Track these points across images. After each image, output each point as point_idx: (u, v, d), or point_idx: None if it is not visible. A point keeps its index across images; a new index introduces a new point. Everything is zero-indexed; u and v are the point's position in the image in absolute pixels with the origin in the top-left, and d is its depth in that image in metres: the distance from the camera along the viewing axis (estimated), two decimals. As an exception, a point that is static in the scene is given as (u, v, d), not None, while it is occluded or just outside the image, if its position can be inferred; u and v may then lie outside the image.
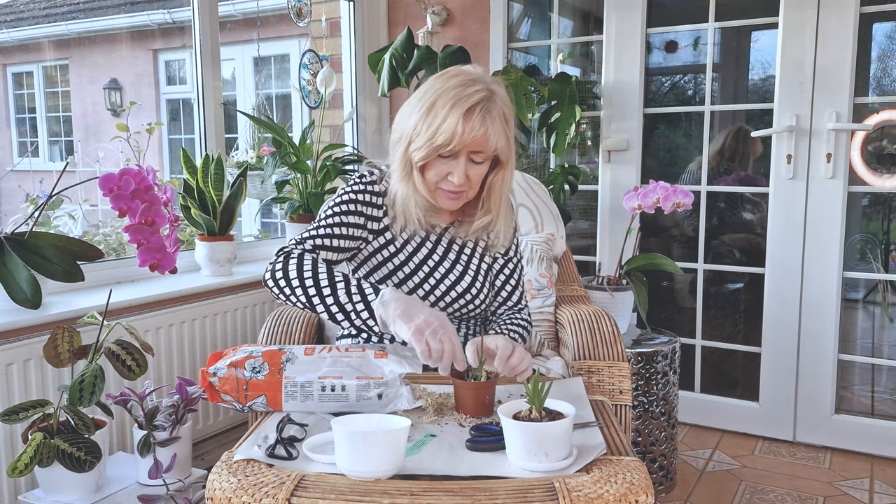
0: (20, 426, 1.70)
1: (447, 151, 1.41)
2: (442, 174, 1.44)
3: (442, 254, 1.58)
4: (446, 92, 1.41)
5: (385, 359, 1.28)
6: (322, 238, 1.47)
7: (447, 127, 1.38)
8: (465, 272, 1.58)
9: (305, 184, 2.69)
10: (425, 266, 1.55)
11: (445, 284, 1.55)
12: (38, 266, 1.75)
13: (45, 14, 7.05)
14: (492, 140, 1.41)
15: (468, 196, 1.50)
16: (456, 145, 1.39)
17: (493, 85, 1.44)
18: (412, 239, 1.56)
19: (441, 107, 1.40)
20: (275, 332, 1.79)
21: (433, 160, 1.44)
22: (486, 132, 1.39)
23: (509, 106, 1.47)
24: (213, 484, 1.04)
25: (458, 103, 1.39)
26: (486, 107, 1.40)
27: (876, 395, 2.88)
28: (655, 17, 2.85)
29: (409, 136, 1.44)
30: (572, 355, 1.78)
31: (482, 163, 1.45)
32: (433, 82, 1.45)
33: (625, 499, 0.98)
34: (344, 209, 1.51)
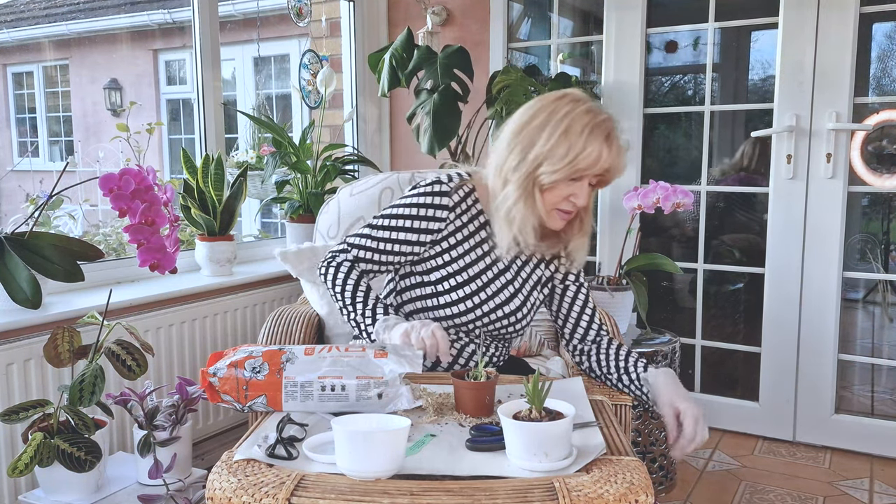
0: (20, 426, 1.70)
1: (583, 174, 1.41)
2: (564, 196, 1.44)
3: (499, 271, 1.55)
4: (578, 117, 1.40)
5: (385, 358, 1.28)
6: (366, 251, 1.53)
7: (591, 152, 1.39)
8: (515, 295, 1.55)
9: (305, 184, 2.69)
10: (479, 280, 1.53)
11: (495, 301, 1.53)
12: (39, 266, 1.75)
13: (45, 14, 7.05)
14: (621, 167, 1.44)
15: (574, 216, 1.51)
16: (600, 169, 1.41)
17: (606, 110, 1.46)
18: (476, 249, 1.54)
19: (578, 132, 1.39)
20: (275, 332, 1.79)
21: (560, 183, 1.43)
22: (621, 157, 1.43)
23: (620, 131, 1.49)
24: (213, 484, 1.04)
25: (595, 129, 1.39)
26: (617, 133, 1.43)
27: (876, 395, 2.88)
28: (655, 17, 2.85)
29: (540, 159, 1.41)
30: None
31: (595, 186, 1.47)
32: (556, 105, 1.43)
33: (625, 499, 0.98)
34: (402, 225, 1.52)
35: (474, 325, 1.55)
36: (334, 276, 1.51)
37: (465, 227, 1.54)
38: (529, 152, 1.42)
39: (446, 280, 1.52)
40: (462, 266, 1.53)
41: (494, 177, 1.49)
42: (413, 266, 1.56)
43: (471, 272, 1.53)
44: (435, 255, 1.54)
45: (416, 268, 1.56)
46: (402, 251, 1.53)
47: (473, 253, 1.54)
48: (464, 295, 1.52)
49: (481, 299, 1.52)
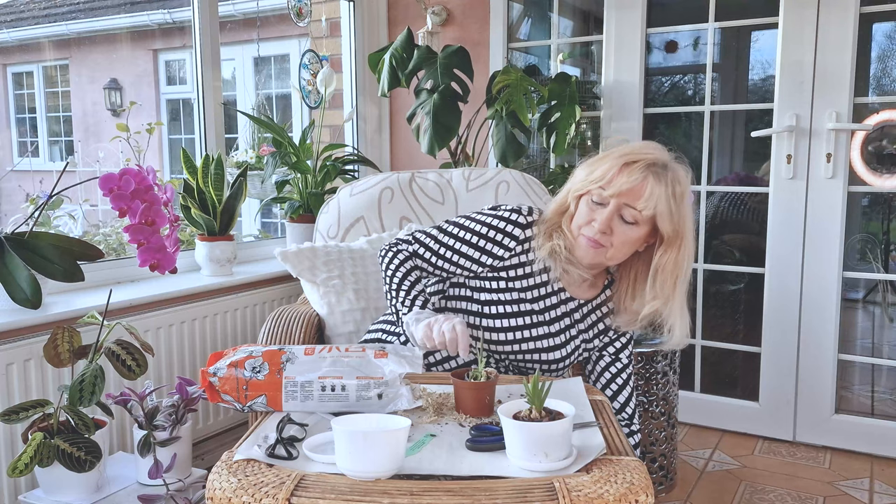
0: (20, 426, 1.70)
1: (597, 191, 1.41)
2: (588, 218, 1.43)
3: (551, 318, 1.53)
4: (622, 149, 1.43)
5: (385, 359, 1.28)
6: (426, 249, 1.55)
7: (606, 167, 1.41)
8: (562, 346, 1.53)
9: (305, 184, 2.69)
10: (527, 317, 1.51)
11: (537, 344, 1.52)
12: (38, 266, 1.75)
13: (45, 14, 7.05)
14: (646, 197, 1.37)
15: (607, 257, 1.45)
16: (606, 185, 1.39)
17: (671, 161, 1.43)
18: (533, 289, 1.52)
19: (611, 157, 1.43)
20: (275, 332, 1.79)
21: (585, 203, 1.44)
22: (642, 185, 1.37)
23: (683, 185, 1.42)
24: (213, 484, 1.04)
25: (625, 156, 1.41)
26: (652, 166, 1.39)
27: (876, 395, 2.88)
28: (655, 17, 2.85)
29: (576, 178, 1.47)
30: (572, 355, 1.77)
31: (633, 224, 1.41)
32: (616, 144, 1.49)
33: (625, 499, 0.98)
34: (469, 238, 1.52)
35: (507, 356, 1.54)
36: (390, 260, 1.54)
37: (530, 264, 1.52)
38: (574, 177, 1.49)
39: (495, 305, 1.51)
40: (515, 299, 1.51)
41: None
42: (468, 279, 1.56)
43: (521, 307, 1.51)
44: (491, 279, 1.53)
45: (470, 282, 1.55)
46: (458, 263, 1.53)
47: (531, 292, 1.52)
48: (507, 326, 1.51)
49: (523, 337, 1.51)
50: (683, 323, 1.50)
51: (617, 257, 1.46)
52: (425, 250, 1.55)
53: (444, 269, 1.55)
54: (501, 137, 2.73)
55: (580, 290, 1.55)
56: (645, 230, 1.42)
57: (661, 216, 1.39)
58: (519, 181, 2.27)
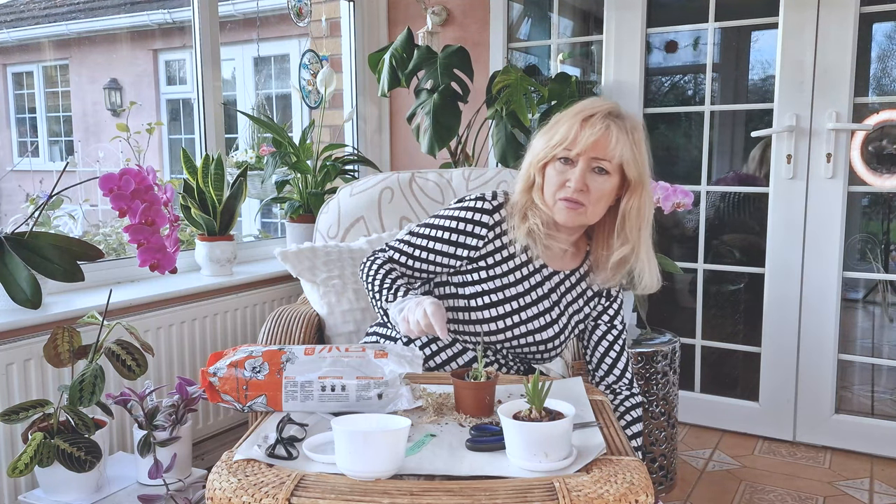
0: (20, 426, 1.70)
1: (563, 152, 1.42)
2: (560, 182, 1.43)
3: (537, 297, 1.52)
4: (571, 109, 1.45)
5: (385, 359, 1.28)
6: (401, 254, 1.56)
7: (565, 128, 1.42)
8: (552, 324, 1.53)
9: (305, 184, 2.69)
10: (514, 302, 1.51)
11: (529, 327, 1.51)
12: (38, 266, 1.75)
13: (45, 14, 7.04)
14: (612, 145, 1.39)
15: (587, 214, 1.45)
16: (571, 144, 1.40)
17: (622, 109, 1.46)
18: (515, 271, 1.52)
19: (564, 119, 1.44)
20: (275, 332, 1.79)
21: (553, 168, 1.44)
22: (604, 133, 1.39)
23: (640, 131, 1.45)
24: (213, 484, 1.04)
25: (580, 112, 1.43)
26: (609, 116, 1.41)
27: (876, 395, 2.88)
28: (655, 17, 2.85)
29: (534, 153, 1.47)
30: (572, 355, 1.78)
31: (605, 175, 1.42)
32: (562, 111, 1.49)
33: (625, 499, 0.98)
34: (440, 236, 1.53)
35: (503, 345, 1.54)
36: (368, 269, 1.55)
37: (506, 247, 1.52)
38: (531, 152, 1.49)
39: (481, 297, 1.51)
40: (499, 285, 1.51)
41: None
42: (450, 276, 1.56)
43: (507, 293, 1.51)
44: (472, 271, 1.53)
45: (453, 279, 1.55)
46: (436, 261, 1.53)
47: (513, 275, 1.52)
48: (497, 314, 1.50)
49: (514, 322, 1.51)
50: (652, 267, 1.54)
51: (596, 213, 1.47)
52: (401, 255, 1.56)
53: (424, 270, 1.55)
54: (501, 137, 2.73)
55: (563, 261, 1.56)
56: (616, 179, 1.44)
57: (627, 163, 1.42)
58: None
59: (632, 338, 2.43)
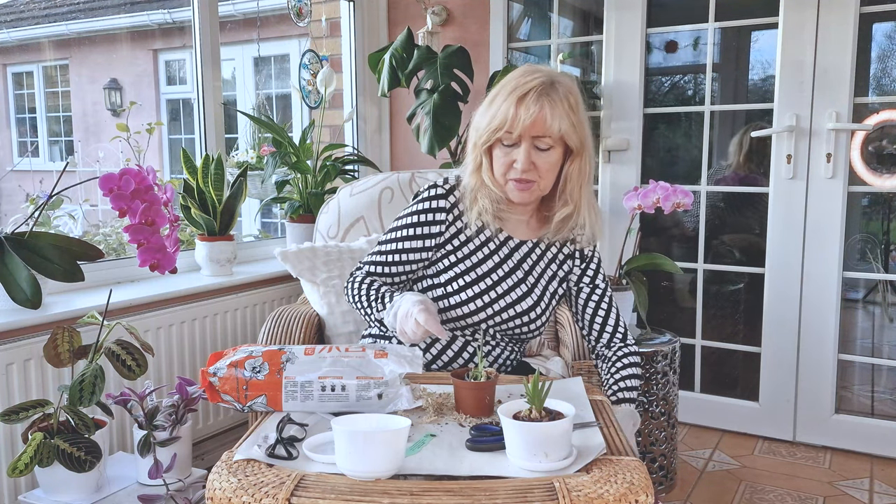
0: (20, 426, 1.70)
1: (505, 136, 1.44)
2: (508, 164, 1.46)
3: (509, 269, 1.54)
4: (507, 83, 1.45)
5: (385, 359, 1.28)
6: (377, 266, 1.57)
7: (502, 110, 1.42)
8: (529, 293, 1.54)
9: (305, 184, 2.69)
10: (488, 278, 1.53)
11: (506, 301, 1.53)
12: (38, 266, 1.75)
13: (45, 14, 7.05)
14: (550, 121, 1.41)
15: (540, 188, 1.48)
16: (510, 127, 1.42)
17: (556, 75, 1.46)
18: (482, 247, 1.54)
19: (501, 97, 1.44)
20: (275, 332, 1.79)
21: (498, 150, 1.46)
22: (541, 113, 1.41)
23: (575, 94, 1.47)
24: (213, 484, 1.04)
25: (514, 90, 1.43)
26: (543, 91, 1.42)
27: (876, 395, 2.88)
28: (655, 17, 2.85)
29: (475, 128, 1.49)
30: (572, 355, 1.78)
31: (549, 149, 1.45)
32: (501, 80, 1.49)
33: (625, 499, 0.98)
34: (404, 234, 1.55)
35: (487, 324, 1.54)
36: (352, 289, 1.56)
37: (468, 227, 1.54)
38: (472, 128, 1.51)
39: (455, 280, 1.53)
40: (470, 265, 1.53)
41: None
42: (425, 270, 1.57)
43: (479, 271, 1.53)
44: (442, 257, 1.55)
45: (428, 271, 1.57)
46: (411, 259, 1.55)
47: (480, 252, 1.54)
48: (473, 294, 1.52)
49: (491, 298, 1.52)
50: (593, 221, 1.56)
51: (547, 184, 1.50)
52: (376, 266, 1.57)
53: (402, 272, 1.57)
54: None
55: (528, 230, 1.58)
56: (560, 150, 1.47)
57: (567, 134, 1.44)
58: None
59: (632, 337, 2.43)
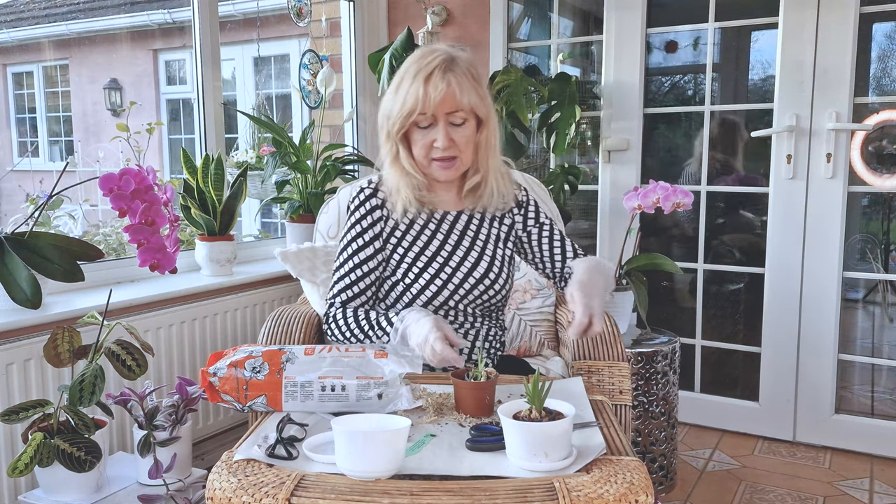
0: (20, 426, 1.70)
1: (420, 118, 1.47)
2: (428, 145, 1.49)
3: (455, 241, 1.58)
4: (409, 67, 1.49)
5: (385, 359, 1.28)
6: (347, 289, 1.57)
7: (411, 93, 1.45)
8: (480, 258, 1.58)
9: (305, 184, 2.69)
10: (439, 256, 1.56)
11: (462, 272, 1.56)
12: (38, 266, 1.75)
13: (45, 14, 7.05)
14: (459, 96, 1.45)
15: (463, 162, 1.52)
16: (423, 108, 1.45)
17: (453, 51, 1.50)
18: (424, 230, 1.58)
19: (406, 81, 1.47)
20: (275, 332, 1.79)
21: (415, 134, 1.49)
22: (449, 89, 1.44)
23: (475, 67, 1.52)
24: (213, 484, 1.04)
25: (419, 72, 1.46)
26: (446, 67, 1.46)
27: (876, 395, 2.88)
28: (655, 17, 2.84)
29: (386, 116, 1.51)
30: (572, 355, 1.78)
31: (463, 124, 1.49)
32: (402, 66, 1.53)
33: (625, 499, 0.98)
34: (357, 245, 1.57)
35: (456, 301, 1.56)
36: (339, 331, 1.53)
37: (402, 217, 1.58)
38: (382, 117, 1.53)
39: (409, 270, 1.56)
40: (418, 251, 1.57)
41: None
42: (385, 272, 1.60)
43: (428, 253, 1.56)
44: (392, 253, 1.58)
45: (386, 272, 1.59)
46: (373, 267, 1.57)
47: (423, 235, 1.58)
48: (430, 276, 1.55)
49: (448, 274, 1.55)
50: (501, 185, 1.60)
51: (469, 157, 1.53)
52: (346, 291, 1.57)
53: (371, 282, 1.58)
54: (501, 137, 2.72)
55: (463, 201, 1.61)
56: (473, 122, 1.50)
57: (476, 106, 1.48)
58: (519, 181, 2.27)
59: (632, 338, 2.43)
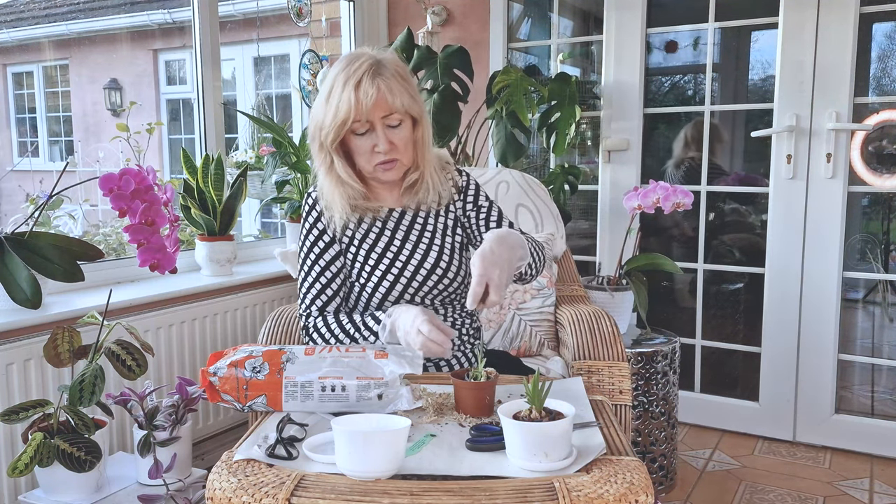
0: (20, 426, 1.70)
1: (355, 125, 1.47)
2: (369, 150, 1.50)
3: (402, 237, 1.59)
4: (337, 76, 1.48)
5: (385, 359, 1.28)
6: (318, 297, 1.57)
7: (343, 101, 1.45)
8: (429, 250, 1.59)
9: (305, 184, 2.69)
10: (388, 252, 1.57)
11: (413, 264, 1.57)
12: (39, 266, 1.75)
13: (45, 14, 7.05)
14: (391, 99, 1.46)
15: (404, 163, 1.53)
16: (357, 115, 1.45)
17: (379, 54, 1.51)
18: (371, 230, 1.59)
19: (337, 90, 1.47)
20: (275, 332, 1.79)
21: (354, 142, 1.50)
22: (380, 93, 1.45)
23: (402, 66, 1.52)
24: (213, 484, 1.04)
25: (348, 79, 1.46)
26: (375, 71, 1.46)
27: (876, 395, 2.88)
28: (655, 17, 2.85)
29: (319, 126, 1.51)
30: (572, 355, 1.78)
31: (399, 125, 1.49)
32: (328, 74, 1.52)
33: (625, 499, 0.98)
34: (317, 252, 1.58)
35: (411, 294, 1.57)
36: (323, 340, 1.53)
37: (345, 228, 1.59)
38: (313, 127, 1.53)
39: (363, 270, 1.57)
40: (367, 250, 1.58)
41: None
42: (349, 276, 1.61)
43: (377, 250, 1.57)
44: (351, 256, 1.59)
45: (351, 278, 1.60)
46: (338, 267, 1.58)
47: (371, 235, 1.59)
48: (383, 270, 1.56)
49: (399, 267, 1.56)
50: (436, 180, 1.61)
51: (409, 158, 1.54)
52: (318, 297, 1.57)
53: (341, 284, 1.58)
54: (501, 137, 2.73)
55: (404, 198, 1.61)
56: (409, 122, 1.51)
57: (409, 105, 1.49)
58: (519, 181, 2.27)
59: (632, 338, 2.43)
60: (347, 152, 1.53)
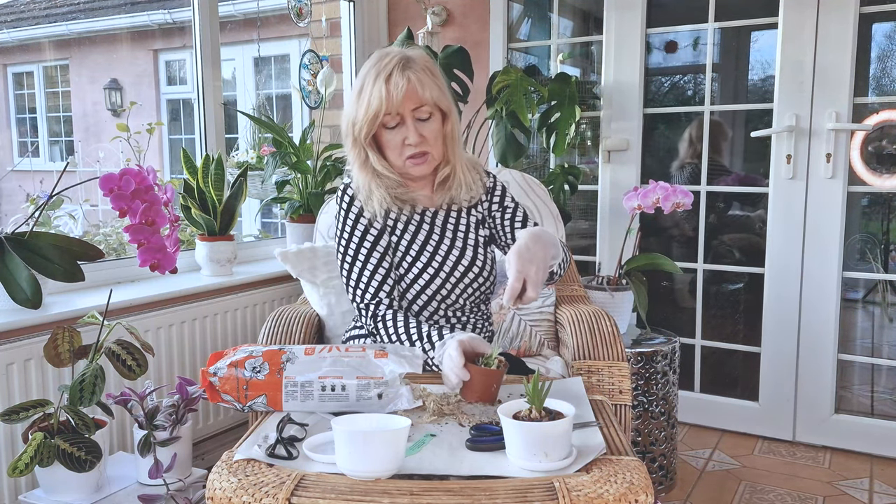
0: (20, 426, 1.70)
1: (386, 118, 1.49)
2: (400, 144, 1.52)
3: (438, 236, 1.60)
4: (368, 73, 1.52)
5: (385, 358, 1.28)
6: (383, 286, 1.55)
7: (374, 96, 1.48)
8: (464, 250, 1.60)
9: (306, 184, 2.69)
10: (425, 252, 1.58)
11: (449, 264, 1.58)
12: (39, 266, 1.75)
13: (45, 14, 7.05)
14: (421, 91, 1.48)
15: (434, 157, 1.55)
16: (388, 108, 1.47)
17: (408, 51, 1.53)
18: (407, 228, 1.60)
19: (367, 85, 1.50)
20: (275, 332, 1.79)
21: (385, 136, 1.52)
22: (410, 84, 1.47)
23: (430, 61, 1.54)
24: (213, 484, 1.04)
25: (379, 74, 1.49)
26: (404, 65, 1.49)
27: (876, 394, 2.88)
28: (655, 17, 2.85)
29: (352, 122, 1.53)
30: (572, 355, 1.78)
31: (429, 118, 1.51)
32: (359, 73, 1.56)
33: (625, 499, 0.98)
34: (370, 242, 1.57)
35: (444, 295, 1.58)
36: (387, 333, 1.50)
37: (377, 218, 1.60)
38: (346, 122, 1.55)
39: (402, 263, 1.58)
40: (403, 250, 1.59)
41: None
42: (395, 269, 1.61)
43: (414, 249, 1.59)
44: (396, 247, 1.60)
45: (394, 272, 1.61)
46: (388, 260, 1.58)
47: (407, 233, 1.60)
48: (419, 270, 1.57)
49: (435, 268, 1.57)
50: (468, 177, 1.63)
51: (440, 151, 1.56)
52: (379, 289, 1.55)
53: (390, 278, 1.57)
54: (501, 137, 2.73)
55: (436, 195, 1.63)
56: (439, 115, 1.54)
57: (438, 99, 1.52)
58: (519, 181, 2.27)
59: (631, 338, 2.43)
60: (380, 148, 1.55)
